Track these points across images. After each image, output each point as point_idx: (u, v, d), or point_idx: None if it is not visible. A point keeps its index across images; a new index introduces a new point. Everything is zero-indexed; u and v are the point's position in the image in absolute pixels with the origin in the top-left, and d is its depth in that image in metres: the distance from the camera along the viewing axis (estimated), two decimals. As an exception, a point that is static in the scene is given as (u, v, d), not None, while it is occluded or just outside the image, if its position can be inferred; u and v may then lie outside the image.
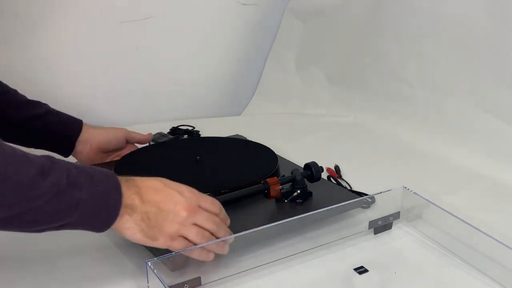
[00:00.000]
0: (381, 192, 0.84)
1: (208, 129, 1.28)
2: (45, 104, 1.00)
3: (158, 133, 1.19)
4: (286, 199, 0.85)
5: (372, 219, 0.84)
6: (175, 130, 1.25)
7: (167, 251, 0.69)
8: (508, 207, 0.92)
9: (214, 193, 0.85)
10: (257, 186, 0.85)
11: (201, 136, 1.23)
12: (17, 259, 0.79)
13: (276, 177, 0.86)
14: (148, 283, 0.69)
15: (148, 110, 1.48)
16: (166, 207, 0.67)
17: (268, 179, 0.84)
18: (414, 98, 1.28)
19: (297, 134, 1.30)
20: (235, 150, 1.07)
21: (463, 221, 0.76)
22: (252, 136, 1.16)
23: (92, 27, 1.39)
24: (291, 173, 0.87)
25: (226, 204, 0.83)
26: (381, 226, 0.84)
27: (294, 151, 1.13)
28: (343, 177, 1.04)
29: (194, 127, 1.26)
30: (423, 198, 0.83)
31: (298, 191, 0.85)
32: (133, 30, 1.42)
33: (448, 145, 1.15)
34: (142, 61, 1.46)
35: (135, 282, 0.73)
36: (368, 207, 0.88)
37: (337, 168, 1.06)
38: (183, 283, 0.69)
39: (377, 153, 1.17)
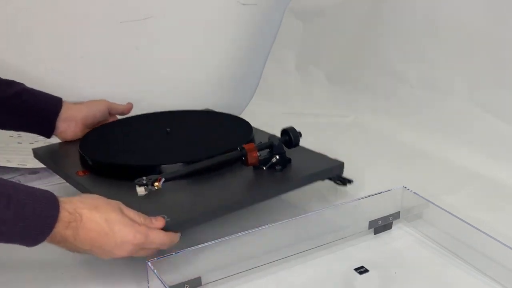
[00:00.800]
0: (381, 192, 0.84)
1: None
2: (20, 83, 0.97)
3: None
4: (264, 166, 0.82)
5: (372, 219, 0.84)
6: (175, 130, 1.24)
7: None
8: (508, 207, 0.92)
9: (187, 163, 0.82)
10: (234, 152, 0.82)
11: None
12: (17, 259, 0.79)
13: (253, 143, 0.83)
14: (148, 283, 0.69)
15: (148, 110, 1.47)
16: (100, 250, 0.68)
17: (244, 145, 0.82)
18: (414, 98, 1.28)
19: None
20: (207, 122, 1.03)
21: (463, 221, 0.76)
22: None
23: (92, 27, 1.39)
24: (268, 140, 0.84)
25: (202, 174, 0.81)
26: (381, 226, 0.84)
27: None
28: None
29: (194, 127, 1.26)
30: (423, 198, 0.83)
31: (277, 157, 0.82)
32: (133, 30, 1.42)
33: (448, 145, 1.15)
34: (142, 61, 1.46)
35: (135, 282, 0.73)
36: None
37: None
38: (183, 283, 0.69)
39: (377, 153, 1.17)
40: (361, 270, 0.75)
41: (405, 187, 0.85)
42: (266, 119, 1.47)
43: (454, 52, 1.19)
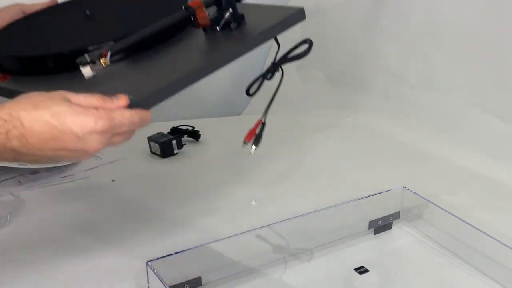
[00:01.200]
0: (381, 192, 0.84)
1: (208, 129, 1.28)
2: None
3: (158, 133, 1.19)
4: (218, 26, 0.72)
5: (372, 219, 0.84)
6: (175, 130, 1.25)
7: None
8: (508, 207, 0.92)
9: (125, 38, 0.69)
10: (180, 12, 0.70)
11: None
12: (17, 259, 0.79)
13: (198, 0, 0.71)
14: (148, 283, 0.69)
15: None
16: (66, 152, 0.57)
17: (190, 3, 0.70)
18: (414, 98, 1.28)
19: (297, 134, 1.30)
20: None
21: (463, 221, 0.76)
22: (252, 136, 1.15)
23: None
24: None
25: (150, 46, 0.71)
26: (381, 226, 0.84)
27: (294, 151, 1.13)
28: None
29: (194, 127, 1.26)
30: (423, 198, 0.83)
31: (230, 11, 0.72)
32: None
33: (448, 145, 1.15)
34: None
35: (135, 282, 0.73)
36: (297, 21, 0.79)
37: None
38: (184, 283, 0.69)
39: (377, 153, 1.17)
40: (361, 270, 0.75)
41: (405, 187, 0.85)
42: (266, 119, 1.47)
43: (454, 52, 1.19)
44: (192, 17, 0.71)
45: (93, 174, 1.06)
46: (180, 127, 1.26)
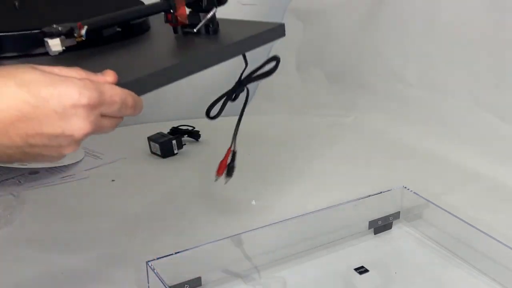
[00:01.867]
0: (381, 192, 0.84)
1: (208, 129, 1.27)
2: None
3: (158, 133, 1.19)
4: (194, 29, 0.66)
5: (372, 219, 0.84)
6: (175, 130, 1.25)
7: None
8: (508, 207, 0.92)
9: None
10: (159, 2, 0.62)
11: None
12: (17, 259, 0.79)
13: None
14: (148, 283, 0.69)
15: (148, 110, 1.47)
16: (41, 139, 0.44)
17: None
18: (414, 98, 1.28)
19: (297, 134, 1.30)
20: None
21: (463, 221, 0.76)
22: (252, 136, 1.15)
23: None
24: None
25: (120, 36, 0.61)
26: (381, 226, 0.84)
27: (295, 151, 1.13)
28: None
29: (194, 127, 1.26)
30: (423, 198, 0.83)
31: (214, 10, 0.67)
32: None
33: (447, 145, 1.15)
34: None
35: (135, 282, 0.73)
36: (277, 37, 0.72)
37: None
38: (183, 283, 0.69)
39: (377, 153, 1.17)
40: (361, 270, 0.75)
41: (405, 187, 0.85)
42: (267, 120, 1.48)
43: (454, 52, 1.20)
44: (171, 9, 0.63)
45: (93, 174, 1.06)
46: (180, 127, 1.26)
